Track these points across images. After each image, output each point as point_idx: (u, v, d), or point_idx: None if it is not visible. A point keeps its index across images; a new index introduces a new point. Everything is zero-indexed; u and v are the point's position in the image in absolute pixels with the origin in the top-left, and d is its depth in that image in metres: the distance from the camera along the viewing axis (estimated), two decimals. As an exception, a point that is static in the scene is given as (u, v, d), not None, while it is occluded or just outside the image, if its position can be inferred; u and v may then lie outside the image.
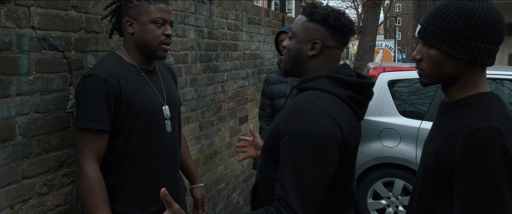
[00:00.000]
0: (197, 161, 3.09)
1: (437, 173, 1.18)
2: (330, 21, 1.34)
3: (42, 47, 1.63)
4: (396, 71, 4.07)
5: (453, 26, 1.14)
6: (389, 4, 35.32)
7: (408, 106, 4.00)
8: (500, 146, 1.05)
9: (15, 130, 1.54)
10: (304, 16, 1.39)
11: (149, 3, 1.64)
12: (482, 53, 1.14)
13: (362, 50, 13.56)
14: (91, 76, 1.56)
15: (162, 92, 1.75)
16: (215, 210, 3.45)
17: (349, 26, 1.37)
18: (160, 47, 1.66)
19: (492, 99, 1.17)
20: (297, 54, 1.39)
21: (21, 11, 1.54)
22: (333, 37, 1.36)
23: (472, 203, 1.07)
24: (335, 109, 1.27)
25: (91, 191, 1.53)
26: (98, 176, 1.55)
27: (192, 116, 2.98)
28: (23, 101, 1.56)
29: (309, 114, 1.23)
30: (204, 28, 3.12)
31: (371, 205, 4.05)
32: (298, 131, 1.22)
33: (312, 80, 1.35)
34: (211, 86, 3.26)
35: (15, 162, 1.55)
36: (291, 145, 1.22)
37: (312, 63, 1.38)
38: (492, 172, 1.04)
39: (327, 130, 1.21)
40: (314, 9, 1.37)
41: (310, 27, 1.37)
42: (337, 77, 1.33)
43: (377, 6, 13.38)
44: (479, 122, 1.09)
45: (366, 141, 3.94)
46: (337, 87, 1.32)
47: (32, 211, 1.63)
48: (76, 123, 1.57)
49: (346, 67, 1.39)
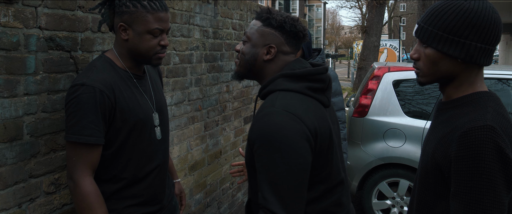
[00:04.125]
0: (202, 161, 3.10)
1: (434, 173, 1.19)
2: (286, 27, 1.38)
3: (49, 47, 1.65)
4: (401, 71, 4.06)
5: (449, 25, 1.15)
6: (394, 3, 35.22)
7: (413, 106, 3.99)
8: (494, 144, 1.06)
9: (22, 129, 1.55)
10: (259, 21, 1.42)
11: (146, 11, 1.54)
12: (478, 52, 1.15)
13: (366, 50, 13.53)
14: (84, 86, 1.48)
15: (151, 99, 1.71)
16: (220, 210, 3.46)
17: (303, 33, 1.41)
18: (155, 57, 1.61)
19: (488, 98, 1.18)
20: (253, 59, 1.41)
21: (28, 12, 1.55)
22: (288, 43, 1.40)
23: (469, 201, 1.07)
24: (294, 104, 1.28)
25: (89, 205, 1.48)
26: (94, 189, 1.50)
27: (197, 116, 2.99)
28: (30, 101, 1.58)
29: (269, 117, 1.25)
30: (209, 28, 3.13)
31: (376, 205, 4.04)
32: (262, 136, 1.24)
33: (269, 84, 1.38)
34: (216, 86, 3.27)
35: (23, 161, 1.56)
36: (260, 151, 1.24)
37: (268, 67, 1.41)
38: (487, 170, 1.05)
39: (289, 127, 1.23)
40: (270, 14, 1.40)
41: (265, 32, 1.40)
42: (289, 74, 1.36)
43: (381, 6, 13.35)
44: (474, 121, 1.10)
45: (371, 141, 3.94)
46: (292, 82, 1.34)
47: (40, 209, 1.64)
48: (68, 136, 1.49)
49: (299, 61, 1.42)
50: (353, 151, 4.01)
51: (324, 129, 1.31)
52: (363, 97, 4.08)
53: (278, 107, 1.26)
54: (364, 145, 3.97)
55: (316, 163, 1.29)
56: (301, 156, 1.22)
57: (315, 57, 2.81)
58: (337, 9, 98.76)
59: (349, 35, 57.20)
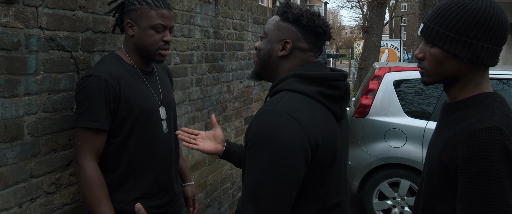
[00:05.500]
0: (203, 161, 3.10)
1: (440, 175, 1.17)
2: (302, 21, 1.27)
3: (49, 47, 1.65)
4: (402, 71, 4.06)
5: (456, 24, 1.14)
6: (395, 3, 35.20)
7: (414, 106, 3.99)
8: (502, 146, 1.04)
9: (23, 129, 1.56)
10: (278, 16, 1.33)
11: (150, 8, 1.65)
12: (485, 52, 1.14)
13: (367, 50, 13.53)
14: (92, 76, 1.59)
15: (159, 94, 1.79)
16: (220, 210, 3.46)
17: (323, 28, 1.29)
18: (158, 53, 1.70)
19: (494, 100, 1.16)
20: (268, 55, 1.32)
21: (29, 12, 1.55)
22: (306, 39, 1.29)
23: (475, 203, 1.06)
24: (299, 108, 1.16)
25: (91, 187, 1.57)
26: (97, 172, 1.60)
27: (198, 116, 2.99)
28: (31, 101, 1.58)
29: (267, 116, 1.14)
30: (210, 28, 3.13)
31: (376, 206, 4.04)
32: (256, 135, 1.13)
33: (280, 82, 1.26)
34: (216, 86, 3.27)
35: (24, 161, 1.56)
36: (251, 151, 1.13)
37: (283, 65, 1.30)
38: (495, 172, 1.04)
39: (287, 131, 1.10)
40: (288, 8, 1.30)
41: (282, 27, 1.30)
42: (303, 74, 1.23)
43: (382, 6, 13.34)
44: (481, 122, 1.09)
45: (371, 141, 3.94)
46: (304, 85, 1.22)
47: (40, 209, 1.64)
48: (77, 122, 1.59)
49: (318, 64, 1.30)
50: (354, 151, 4.01)
51: (329, 142, 1.18)
52: (364, 97, 4.08)
53: (281, 107, 1.15)
54: (365, 145, 3.97)
55: (312, 178, 1.17)
56: (292, 167, 1.10)
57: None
58: (338, 9, 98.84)
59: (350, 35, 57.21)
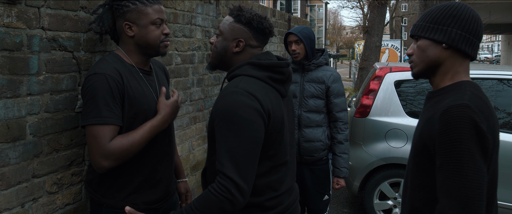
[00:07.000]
0: (204, 161, 3.10)
1: (423, 152, 1.35)
2: (253, 23, 1.57)
3: (52, 47, 1.65)
4: (403, 71, 4.05)
5: (435, 17, 1.39)
6: (395, 4, 35.21)
7: (414, 106, 3.99)
8: (470, 119, 1.22)
9: (25, 130, 1.56)
10: (231, 17, 1.60)
11: (145, 5, 1.70)
12: (459, 37, 1.36)
13: (368, 50, 13.52)
14: (97, 74, 1.58)
15: (157, 93, 1.80)
16: (221, 210, 3.46)
17: (269, 29, 1.61)
18: (162, 45, 1.76)
19: (469, 85, 1.36)
20: (224, 51, 1.60)
21: (31, 12, 1.56)
22: (255, 38, 1.60)
23: (452, 172, 1.23)
24: (254, 88, 1.48)
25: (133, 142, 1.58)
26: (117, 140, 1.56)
27: (199, 116, 2.99)
28: (33, 101, 1.58)
29: (231, 95, 1.44)
30: (211, 29, 3.13)
31: (377, 206, 4.04)
32: (224, 110, 1.43)
33: (236, 68, 1.57)
34: (217, 86, 3.27)
35: (26, 161, 1.57)
36: (221, 124, 1.42)
37: (237, 59, 1.60)
38: (465, 142, 1.21)
39: (247, 104, 1.42)
40: (241, 12, 1.59)
41: (236, 27, 1.59)
42: (256, 63, 1.55)
43: (383, 6, 13.34)
44: (453, 101, 1.28)
45: (372, 141, 3.94)
46: (256, 70, 1.54)
47: (42, 209, 1.64)
48: (88, 120, 1.54)
49: (266, 54, 1.61)
50: (354, 151, 4.01)
51: (277, 114, 1.51)
52: (365, 97, 4.08)
53: (241, 88, 1.46)
54: (366, 145, 3.97)
55: (266, 141, 1.47)
56: (256, 130, 1.42)
57: (319, 58, 2.81)
58: (338, 9, 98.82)
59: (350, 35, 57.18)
